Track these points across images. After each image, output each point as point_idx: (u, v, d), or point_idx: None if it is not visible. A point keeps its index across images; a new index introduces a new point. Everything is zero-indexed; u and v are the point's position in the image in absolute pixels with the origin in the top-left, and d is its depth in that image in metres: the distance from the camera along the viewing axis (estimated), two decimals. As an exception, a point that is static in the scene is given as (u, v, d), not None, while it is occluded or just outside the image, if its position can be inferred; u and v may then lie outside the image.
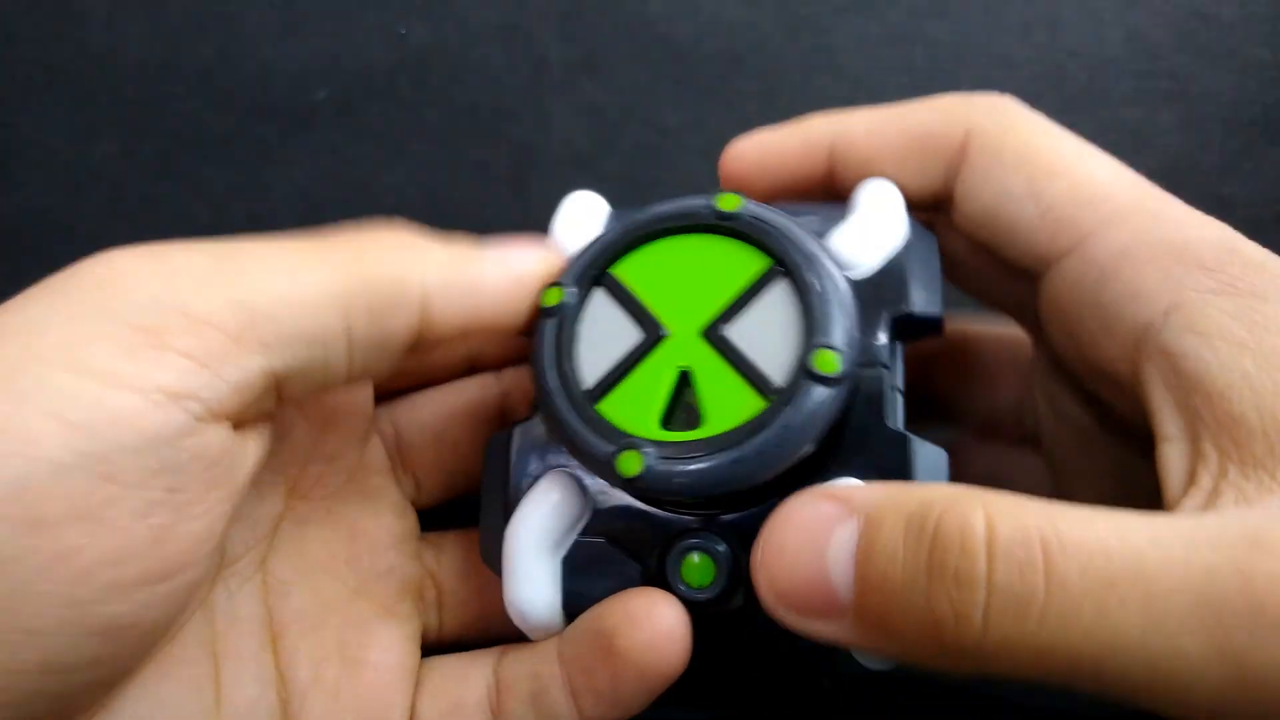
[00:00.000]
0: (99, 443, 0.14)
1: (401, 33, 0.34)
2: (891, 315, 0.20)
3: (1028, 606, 0.13)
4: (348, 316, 0.17)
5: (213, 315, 0.16)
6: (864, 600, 0.15)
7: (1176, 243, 0.18)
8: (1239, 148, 0.32)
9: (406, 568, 0.22)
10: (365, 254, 0.18)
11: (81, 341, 0.15)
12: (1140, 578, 0.13)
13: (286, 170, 0.34)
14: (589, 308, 0.20)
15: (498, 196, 0.33)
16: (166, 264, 0.16)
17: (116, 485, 0.15)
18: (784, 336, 0.19)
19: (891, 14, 0.33)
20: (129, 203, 0.33)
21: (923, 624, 0.14)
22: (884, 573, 0.14)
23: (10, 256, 0.33)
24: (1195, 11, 0.33)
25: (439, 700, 0.20)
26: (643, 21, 0.34)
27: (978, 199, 0.20)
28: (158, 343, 0.15)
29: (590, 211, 0.23)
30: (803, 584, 0.15)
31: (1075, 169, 0.20)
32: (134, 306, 0.15)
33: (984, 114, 0.21)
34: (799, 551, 0.16)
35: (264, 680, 0.20)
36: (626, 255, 0.21)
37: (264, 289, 0.17)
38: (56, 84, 0.34)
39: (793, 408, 0.18)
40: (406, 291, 0.18)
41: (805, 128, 0.23)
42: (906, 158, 0.21)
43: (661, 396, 0.19)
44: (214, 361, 0.16)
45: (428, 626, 0.22)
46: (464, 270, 0.19)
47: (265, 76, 0.34)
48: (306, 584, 0.21)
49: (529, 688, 0.20)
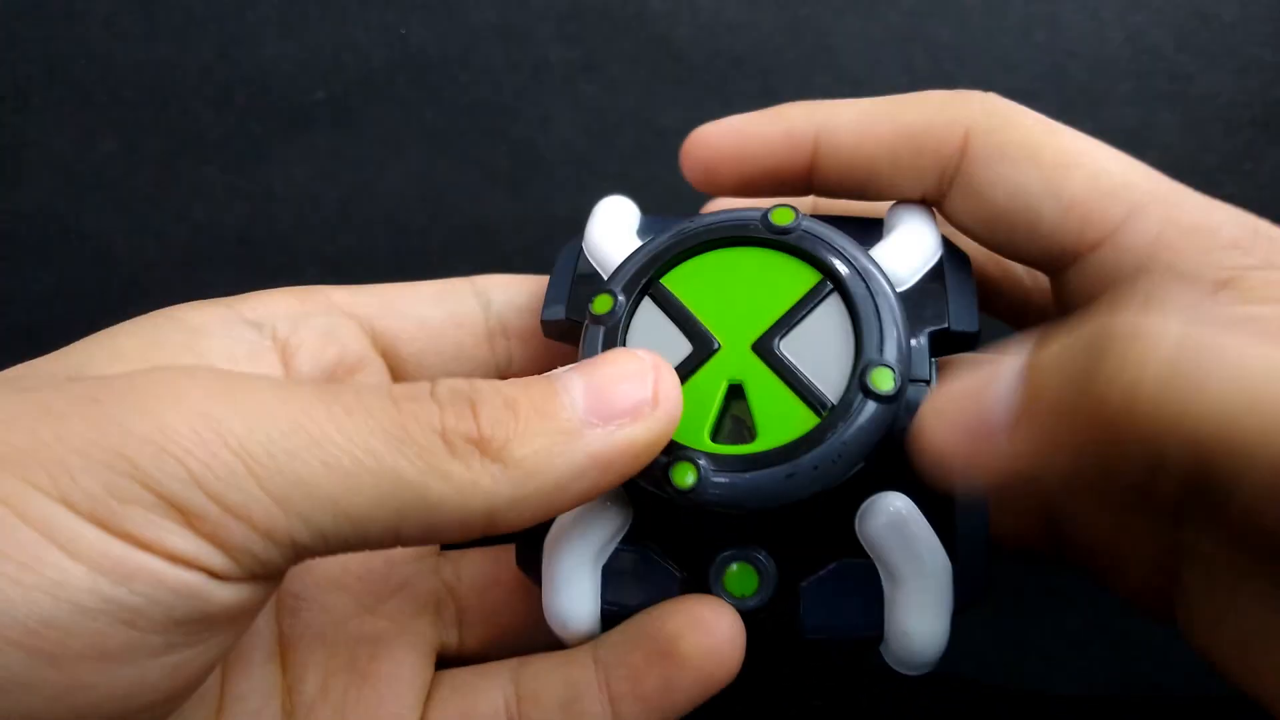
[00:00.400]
0: (123, 592, 0.14)
1: (401, 33, 0.34)
2: (930, 330, 0.20)
3: (1190, 379, 0.12)
4: (398, 529, 0.16)
5: (246, 508, 0.15)
6: (1030, 410, 0.14)
7: (1208, 226, 0.18)
8: (1239, 148, 0.32)
9: (423, 583, 0.22)
10: (442, 464, 0.16)
11: (112, 501, 0.14)
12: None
13: (286, 170, 0.34)
14: (637, 317, 0.20)
15: (498, 196, 0.33)
16: (217, 433, 0.15)
17: (137, 631, 0.15)
18: (836, 352, 0.19)
19: (891, 14, 0.33)
20: (129, 203, 0.33)
21: (1085, 393, 0.13)
22: (1053, 367, 0.14)
23: (10, 256, 0.33)
24: (1195, 11, 0.33)
25: (447, 711, 0.20)
26: (643, 21, 0.34)
27: (987, 198, 0.20)
28: (183, 522, 0.15)
29: (624, 217, 0.23)
30: (959, 424, 0.15)
31: (1088, 160, 0.19)
32: (170, 479, 0.14)
33: (981, 111, 0.20)
34: (960, 398, 0.15)
35: (268, 693, 0.20)
36: (676, 265, 0.20)
37: (314, 492, 0.15)
38: (56, 84, 0.34)
39: (846, 424, 0.18)
40: (473, 514, 0.16)
41: (785, 117, 0.21)
42: (899, 156, 0.20)
43: (712, 409, 0.19)
44: (234, 551, 0.15)
45: (447, 643, 0.22)
46: (547, 475, 0.16)
47: (265, 76, 0.34)
48: (318, 600, 0.21)
49: (560, 695, 0.19)
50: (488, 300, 0.23)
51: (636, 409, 0.17)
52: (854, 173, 0.21)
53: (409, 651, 0.21)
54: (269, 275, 0.33)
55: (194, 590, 0.15)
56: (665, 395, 0.17)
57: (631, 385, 0.17)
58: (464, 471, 0.16)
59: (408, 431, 0.16)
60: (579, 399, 0.17)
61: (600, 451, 0.16)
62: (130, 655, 0.15)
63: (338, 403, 0.16)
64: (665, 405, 0.17)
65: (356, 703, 0.20)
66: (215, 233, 0.33)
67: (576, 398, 0.17)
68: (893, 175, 0.21)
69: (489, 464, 0.16)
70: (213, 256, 0.33)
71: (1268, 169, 0.31)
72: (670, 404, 0.17)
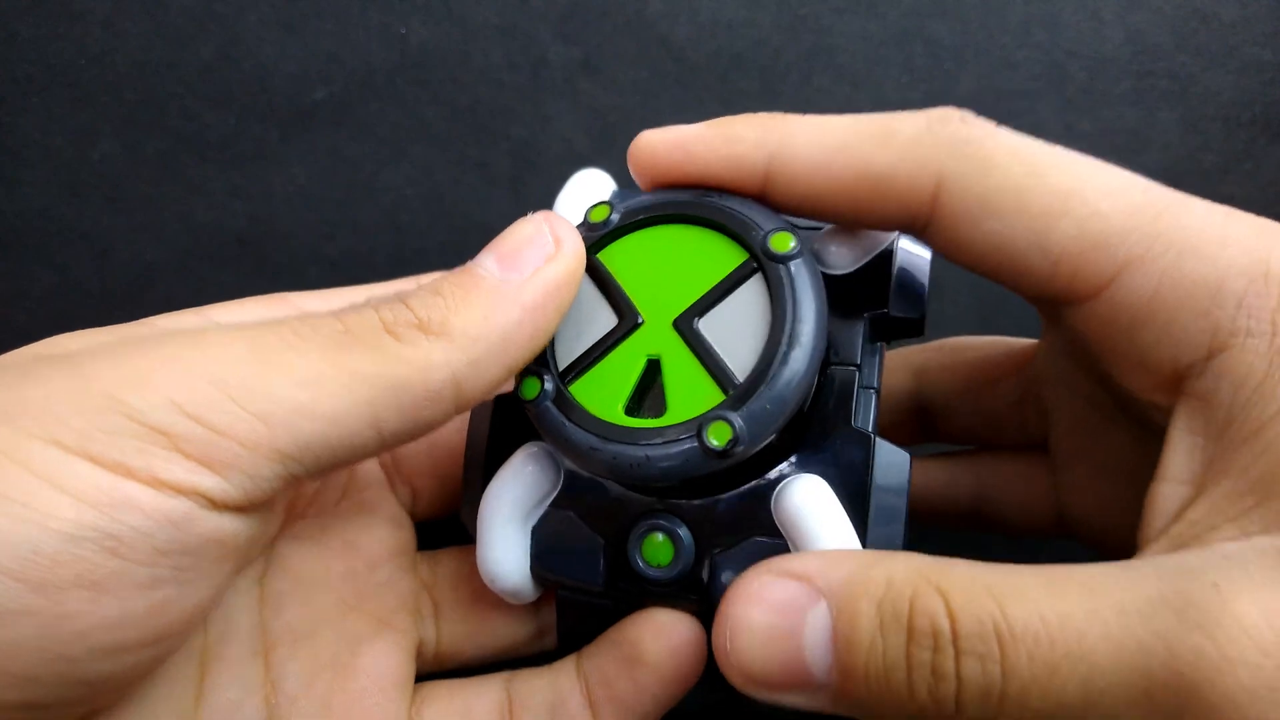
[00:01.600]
0: (109, 522, 0.15)
1: (401, 33, 0.34)
2: (868, 315, 0.20)
3: (989, 694, 0.15)
4: (377, 421, 0.17)
5: (231, 427, 0.16)
6: (846, 685, 0.16)
7: (1208, 279, 0.17)
8: (1239, 148, 0.32)
9: (402, 581, 0.23)
10: (393, 350, 0.17)
11: (99, 433, 0.15)
12: (1080, 660, 0.14)
13: (286, 170, 0.34)
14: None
15: (498, 196, 0.33)
16: (193, 365, 0.16)
17: (123, 560, 0.15)
18: (753, 331, 0.19)
19: (891, 14, 0.33)
20: (129, 203, 0.33)
21: (903, 707, 0.15)
22: (865, 664, 0.16)
23: (10, 256, 0.33)
24: (1195, 11, 0.33)
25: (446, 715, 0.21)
26: (643, 21, 0.34)
27: (969, 247, 0.18)
28: (170, 445, 0.15)
29: (596, 189, 0.23)
30: (778, 668, 0.16)
31: (1076, 204, 0.17)
32: (153, 407, 0.15)
33: (952, 155, 0.18)
34: (771, 637, 0.16)
35: (249, 687, 0.20)
36: (614, 240, 0.21)
37: (287, 401, 0.16)
38: (56, 84, 0.34)
39: (751, 403, 0.18)
40: (438, 386, 0.17)
41: (735, 139, 0.20)
42: (859, 200, 0.19)
43: (629, 383, 0.19)
44: (225, 469, 0.16)
45: (425, 639, 0.23)
46: (490, 334, 0.18)
47: (265, 76, 0.34)
48: (300, 597, 0.21)
49: (547, 701, 0.20)
50: None
51: (544, 254, 0.19)
52: (810, 207, 0.20)
53: (391, 646, 0.21)
54: (269, 275, 0.34)
55: (180, 518, 0.16)
56: (564, 236, 0.19)
57: (533, 238, 0.19)
58: (414, 351, 0.17)
59: (356, 336, 0.17)
60: (493, 266, 0.18)
61: (527, 297, 0.18)
62: (116, 585, 0.15)
63: (287, 328, 0.17)
64: (568, 244, 0.19)
65: (341, 694, 0.20)
66: (215, 233, 0.33)
67: (491, 266, 0.18)
68: (852, 215, 0.19)
69: (435, 340, 0.17)
70: (213, 256, 0.33)
71: (1268, 169, 0.31)
72: (570, 242, 0.19)
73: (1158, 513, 0.17)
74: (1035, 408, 0.25)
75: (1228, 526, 0.16)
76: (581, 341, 0.20)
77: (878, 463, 0.19)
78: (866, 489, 0.19)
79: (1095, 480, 0.23)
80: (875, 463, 0.19)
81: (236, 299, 0.23)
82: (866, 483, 0.19)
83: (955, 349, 0.27)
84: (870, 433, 0.19)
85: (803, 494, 0.19)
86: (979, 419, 0.26)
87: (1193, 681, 0.14)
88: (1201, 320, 0.17)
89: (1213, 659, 0.14)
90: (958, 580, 0.15)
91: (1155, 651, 0.14)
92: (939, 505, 0.26)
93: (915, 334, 0.21)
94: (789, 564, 0.17)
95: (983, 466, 0.26)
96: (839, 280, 0.20)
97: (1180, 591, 0.14)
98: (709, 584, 0.19)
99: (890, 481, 0.19)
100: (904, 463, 0.19)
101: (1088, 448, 0.23)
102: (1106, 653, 0.14)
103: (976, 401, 0.26)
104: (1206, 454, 0.17)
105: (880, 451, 0.19)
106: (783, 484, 0.19)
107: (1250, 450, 0.16)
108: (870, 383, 0.20)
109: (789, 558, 0.17)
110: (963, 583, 0.15)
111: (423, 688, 0.22)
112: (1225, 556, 0.15)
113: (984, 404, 0.26)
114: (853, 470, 0.19)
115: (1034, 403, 0.25)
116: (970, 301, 0.32)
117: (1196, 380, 0.17)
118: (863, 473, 0.19)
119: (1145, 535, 0.17)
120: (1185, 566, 0.15)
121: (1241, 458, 0.16)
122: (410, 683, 0.21)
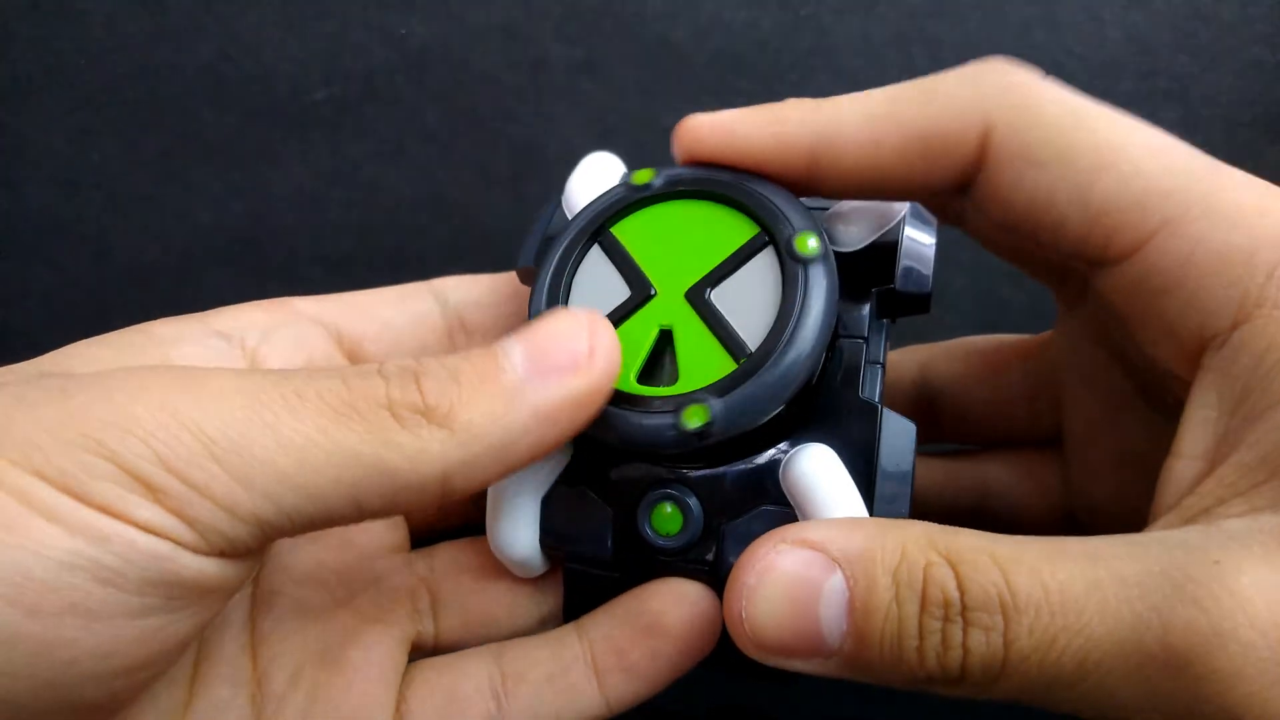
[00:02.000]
0: (101, 552, 0.15)
1: (401, 33, 0.34)
2: (876, 290, 0.20)
3: (992, 663, 0.15)
4: (357, 500, 0.16)
5: (208, 486, 0.15)
6: (859, 651, 0.16)
7: (1242, 248, 0.16)
8: (1239, 148, 0.32)
9: (396, 577, 0.22)
10: (390, 434, 0.16)
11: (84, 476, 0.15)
12: (1076, 633, 0.14)
13: (286, 170, 0.34)
14: (585, 263, 0.21)
15: (498, 196, 0.33)
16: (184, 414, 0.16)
17: (116, 589, 0.15)
18: (764, 302, 0.19)
19: (891, 14, 0.33)
20: (129, 203, 0.33)
21: (912, 674, 0.16)
22: (880, 632, 0.16)
23: (10, 256, 0.33)
24: (1195, 11, 0.33)
25: (433, 694, 0.20)
26: (643, 21, 0.34)
27: (1011, 202, 0.18)
28: (148, 495, 0.15)
29: (605, 171, 0.23)
30: (791, 635, 0.16)
31: (1119, 159, 0.17)
32: (135, 455, 0.15)
33: (1001, 103, 0.18)
34: (786, 604, 0.16)
35: (238, 683, 0.20)
36: (627, 215, 0.21)
37: (270, 468, 0.16)
38: (56, 84, 0.34)
39: (763, 372, 0.18)
40: (426, 478, 0.17)
41: (780, 119, 0.20)
42: (911, 164, 0.19)
43: (642, 352, 0.19)
44: (200, 525, 0.16)
45: (423, 633, 0.22)
46: (493, 435, 0.17)
47: (265, 76, 0.34)
48: (293, 593, 0.21)
49: (546, 670, 0.20)
50: (445, 299, 0.24)
51: (574, 362, 0.17)
52: (860, 182, 0.20)
53: (381, 638, 0.21)
54: (269, 275, 0.34)
55: (165, 555, 0.15)
56: (601, 347, 0.18)
57: (568, 341, 0.18)
58: (412, 440, 0.16)
59: (355, 408, 0.16)
60: (518, 361, 0.17)
61: (542, 406, 0.17)
62: (108, 613, 0.15)
63: (289, 386, 0.16)
64: (601, 356, 0.18)
65: (327, 687, 0.20)
66: (215, 233, 0.33)
67: (516, 360, 0.17)
68: (906, 183, 0.19)
69: (436, 430, 0.16)
70: (213, 256, 0.33)
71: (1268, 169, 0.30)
72: (606, 356, 0.18)
73: (1169, 488, 0.17)
74: (1047, 399, 0.25)
75: (1237, 501, 0.16)
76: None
77: (884, 432, 0.19)
78: (874, 457, 0.19)
79: (1110, 468, 0.23)
80: (882, 432, 0.19)
81: (238, 304, 0.22)
82: (874, 451, 0.19)
83: (962, 344, 0.27)
84: (877, 403, 0.19)
85: (811, 463, 0.19)
86: (988, 410, 0.26)
87: (1184, 655, 0.14)
88: (1231, 289, 0.17)
89: (1205, 633, 0.14)
90: (966, 549, 0.16)
91: (1150, 624, 0.14)
92: (938, 505, 0.26)
93: (921, 310, 0.21)
94: (802, 532, 0.17)
95: (986, 464, 0.26)
96: (848, 256, 0.20)
97: (1180, 565, 0.14)
98: (718, 553, 0.19)
99: (897, 450, 0.19)
100: (909, 431, 0.19)
101: (1103, 435, 0.23)
102: (1102, 624, 0.14)
103: (985, 392, 0.26)
104: (1220, 429, 0.17)
105: (887, 421, 0.19)
106: (791, 454, 0.19)
107: (1264, 424, 0.16)
108: (876, 358, 0.20)
109: (801, 525, 0.17)
110: (970, 552, 0.16)
111: (409, 669, 0.21)
112: (1229, 533, 0.15)
113: (992, 394, 0.26)
114: (860, 440, 0.19)
115: (1046, 394, 0.25)
116: (971, 308, 0.32)
117: (1217, 352, 0.17)
118: (870, 442, 0.19)
119: (1156, 510, 0.17)
120: (1189, 541, 0.15)
121: (1255, 432, 0.16)
122: (400, 672, 0.21)
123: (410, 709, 0.20)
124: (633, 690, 0.20)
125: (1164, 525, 0.16)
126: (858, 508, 0.18)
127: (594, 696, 0.20)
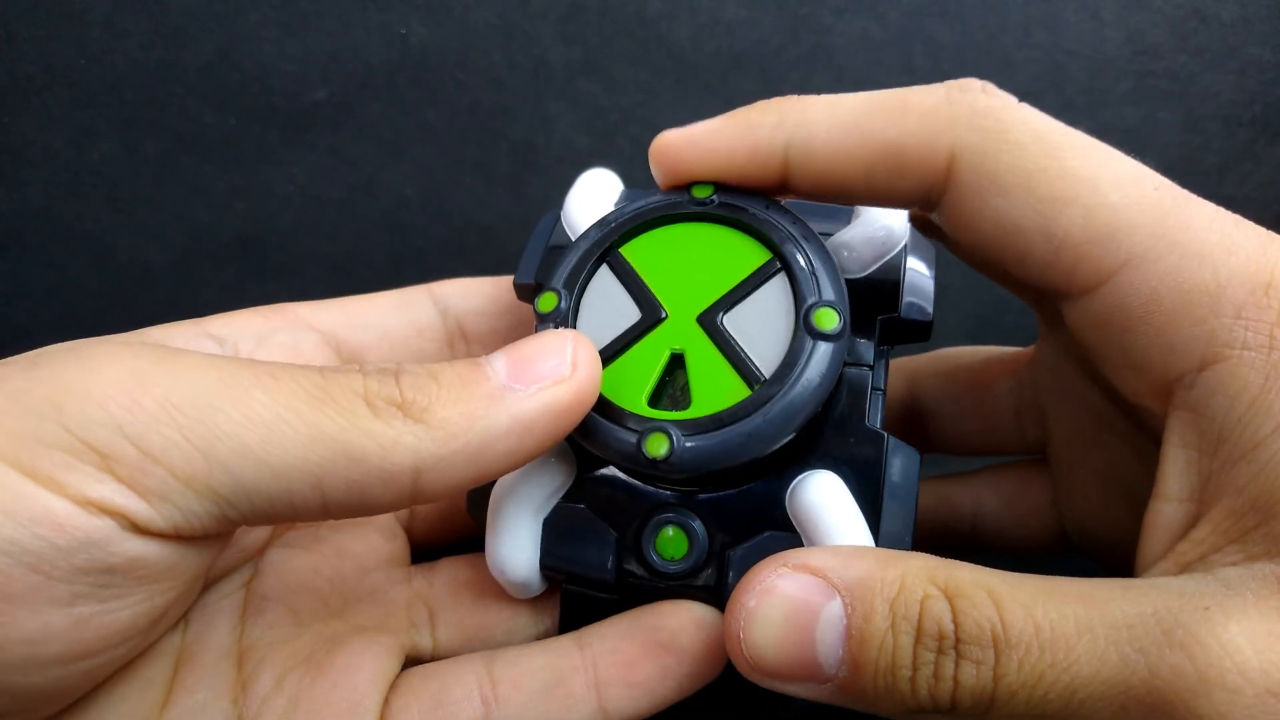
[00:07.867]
0: (28, 536, 0.15)
1: (401, 33, 0.34)
2: (880, 318, 0.20)
3: (982, 696, 0.15)
4: (320, 485, 0.16)
5: (166, 454, 0.15)
6: (854, 679, 0.16)
7: (1208, 286, 0.16)
8: (1239, 148, 0.32)
9: (393, 589, 0.22)
10: (362, 420, 0.16)
11: (34, 444, 0.15)
12: (1064, 669, 0.15)
13: (286, 170, 0.34)
14: (594, 283, 0.21)
15: (498, 196, 0.33)
16: (151, 381, 0.16)
17: (41, 575, 0.15)
18: (776, 328, 0.19)
19: (891, 14, 0.33)
20: (129, 203, 0.33)
21: (904, 703, 0.16)
22: (876, 661, 0.16)
23: (10, 256, 0.33)
24: (1195, 11, 0.33)
25: (420, 698, 0.20)
26: (642, 21, 0.34)
27: (976, 227, 0.18)
28: (100, 464, 0.15)
29: (604, 189, 0.23)
30: (789, 659, 0.16)
31: (1086, 191, 0.17)
32: (92, 424, 0.15)
33: (970, 126, 0.18)
34: (784, 628, 0.16)
35: (219, 688, 0.20)
36: (636, 236, 0.21)
37: (232, 439, 0.15)
38: (56, 84, 0.34)
39: (776, 399, 0.18)
40: (396, 469, 0.16)
41: (752, 126, 0.19)
42: (876, 175, 0.19)
43: (652, 376, 0.19)
44: (153, 496, 0.15)
45: (420, 646, 0.22)
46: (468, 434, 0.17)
47: (265, 76, 0.34)
48: (285, 601, 0.21)
49: (542, 679, 0.20)
50: (445, 306, 0.24)
51: (555, 374, 0.17)
52: (828, 186, 0.20)
53: (370, 644, 0.21)
54: (269, 275, 0.34)
55: (101, 538, 0.15)
56: (583, 362, 0.18)
57: (550, 355, 0.18)
58: (385, 429, 0.16)
59: (329, 393, 0.16)
60: (500, 369, 0.17)
61: (521, 413, 0.17)
62: (34, 600, 0.15)
63: (264, 369, 0.16)
64: (583, 371, 0.18)
65: (310, 689, 0.20)
66: (215, 233, 0.33)
67: (499, 369, 0.17)
68: (870, 192, 0.19)
69: (411, 424, 0.16)
70: (213, 256, 0.33)
71: (1268, 169, 0.31)
72: (587, 370, 0.18)
73: (1159, 532, 0.17)
74: (1033, 415, 0.25)
75: (1231, 548, 0.16)
76: (605, 335, 0.20)
77: (890, 460, 0.19)
78: (880, 486, 0.19)
79: (1096, 486, 0.23)
80: (887, 459, 0.19)
81: (234, 310, 0.22)
82: (880, 480, 0.19)
83: (949, 356, 0.27)
84: (883, 431, 0.19)
85: (818, 490, 0.19)
86: (974, 424, 0.26)
87: (1169, 700, 0.14)
88: (1197, 328, 0.16)
89: (1190, 679, 0.14)
90: (963, 583, 0.16)
91: (1136, 667, 0.14)
92: (934, 526, 0.26)
93: (923, 338, 0.21)
94: (804, 557, 0.17)
95: (981, 483, 0.26)
96: (853, 283, 0.21)
97: (1172, 611, 0.15)
98: (721, 578, 0.19)
99: (902, 478, 0.19)
100: (914, 461, 0.19)
101: (1087, 454, 0.23)
102: (1089, 664, 0.14)
103: (971, 406, 0.26)
104: (1203, 470, 0.17)
105: (892, 449, 0.19)
106: (798, 480, 0.19)
107: (1248, 467, 0.16)
108: (880, 384, 0.21)
109: (803, 551, 0.17)
110: (968, 586, 0.16)
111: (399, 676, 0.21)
112: (1223, 580, 0.15)
113: (979, 409, 0.26)
114: (867, 467, 0.19)
115: (1032, 410, 0.25)
116: (961, 317, 0.32)
117: (1188, 391, 0.17)
118: (876, 470, 0.19)
119: (1145, 554, 0.17)
120: (1182, 588, 0.15)
121: (1239, 476, 0.16)
122: (389, 679, 0.21)
123: (396, 712, 0.20)
124: (634, 705, 0.20)
125: (1160, 571, 0.17)
126: (864, 535, 0.18)
127: (592, 707, 0.20)
